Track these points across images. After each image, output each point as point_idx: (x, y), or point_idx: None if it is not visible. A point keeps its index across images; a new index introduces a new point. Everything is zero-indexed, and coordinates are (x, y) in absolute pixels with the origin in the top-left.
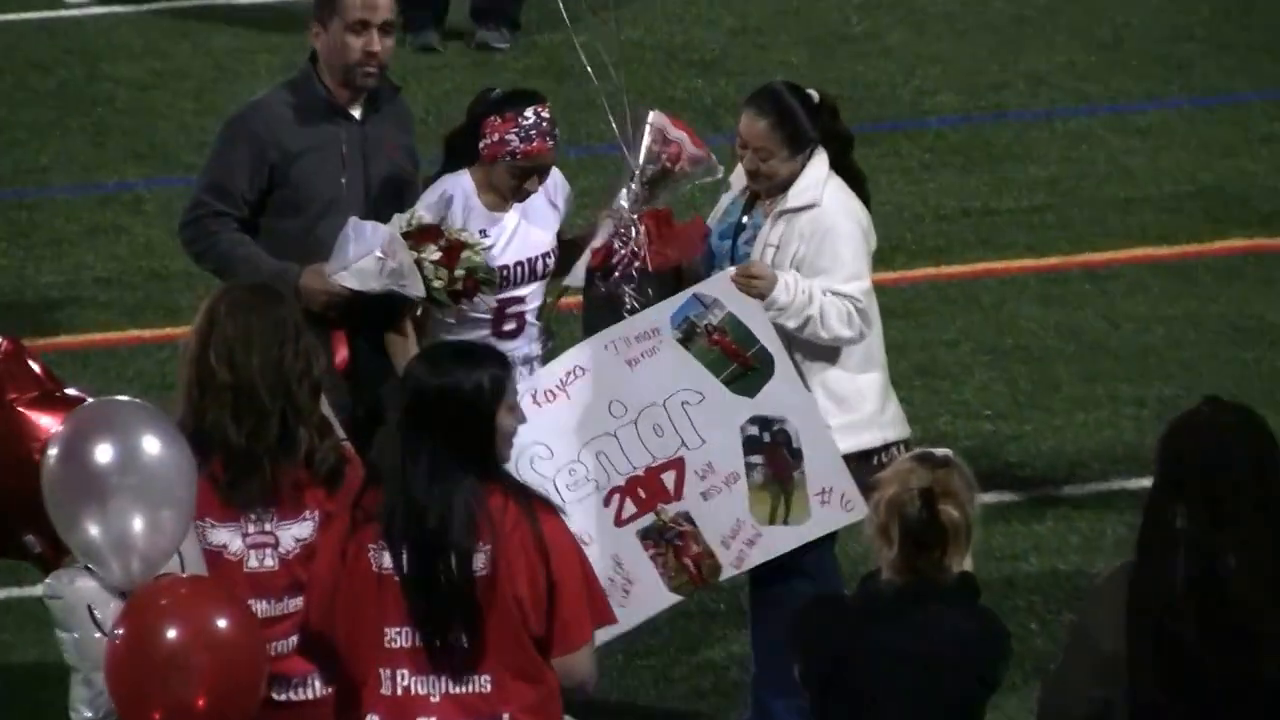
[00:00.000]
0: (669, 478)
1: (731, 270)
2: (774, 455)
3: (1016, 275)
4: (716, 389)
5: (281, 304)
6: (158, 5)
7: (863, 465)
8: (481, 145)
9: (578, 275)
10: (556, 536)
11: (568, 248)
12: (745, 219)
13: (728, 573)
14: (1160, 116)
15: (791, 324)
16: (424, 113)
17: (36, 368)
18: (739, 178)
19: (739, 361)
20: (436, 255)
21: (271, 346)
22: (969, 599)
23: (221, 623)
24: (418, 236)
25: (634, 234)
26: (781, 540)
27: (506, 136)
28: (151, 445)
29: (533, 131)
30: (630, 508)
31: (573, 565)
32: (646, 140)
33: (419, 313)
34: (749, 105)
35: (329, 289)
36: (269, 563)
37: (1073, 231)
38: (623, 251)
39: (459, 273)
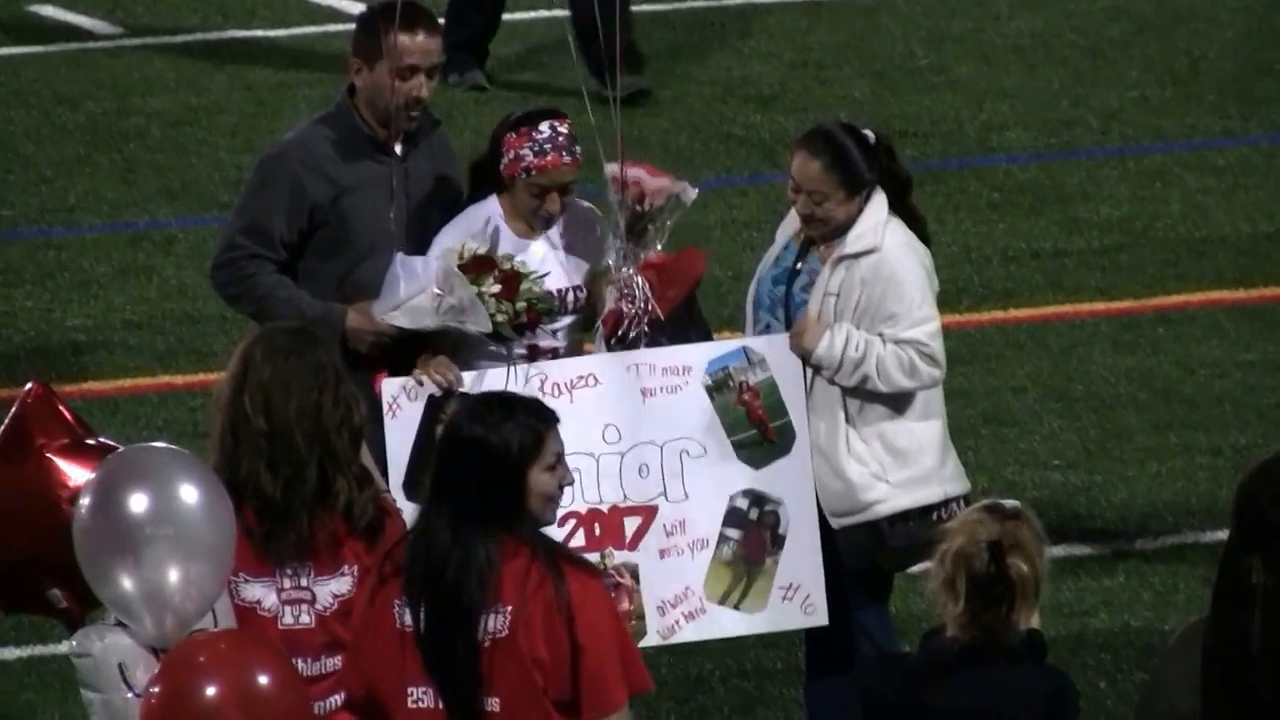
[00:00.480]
0: (631, 523)
1: (787, 335)
2: (754, 535)
3: (1087, 319)
4: (724, 448)
5: (320, 348)
6: (192, 37)
7: (923, 521)
8: (500, 164)
9: (599, 347)
10: (585, 599)
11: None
12: (800, 264)
13: (650, 640)
14: (1237, 154)
15: (845, 382)
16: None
17: (66, 414)
18: (791, 221)
19: (760, 429)
20: (496, 288)
21: (309, 392)
22: (1036, 657)
23: (263, 680)
24: (474, 268)
25: (636, 291)
26: (723, 624)
27: (521, 151)
28: (188, 494)
29: (547, 145)
30: (579, 540)
31: (601, 629)
32: (610, 194)
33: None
34: (801, 146)
35: (377, 329)
36: (305, 620)
37: (1145, 274)
38: (631, 311)
39: (520, 304)
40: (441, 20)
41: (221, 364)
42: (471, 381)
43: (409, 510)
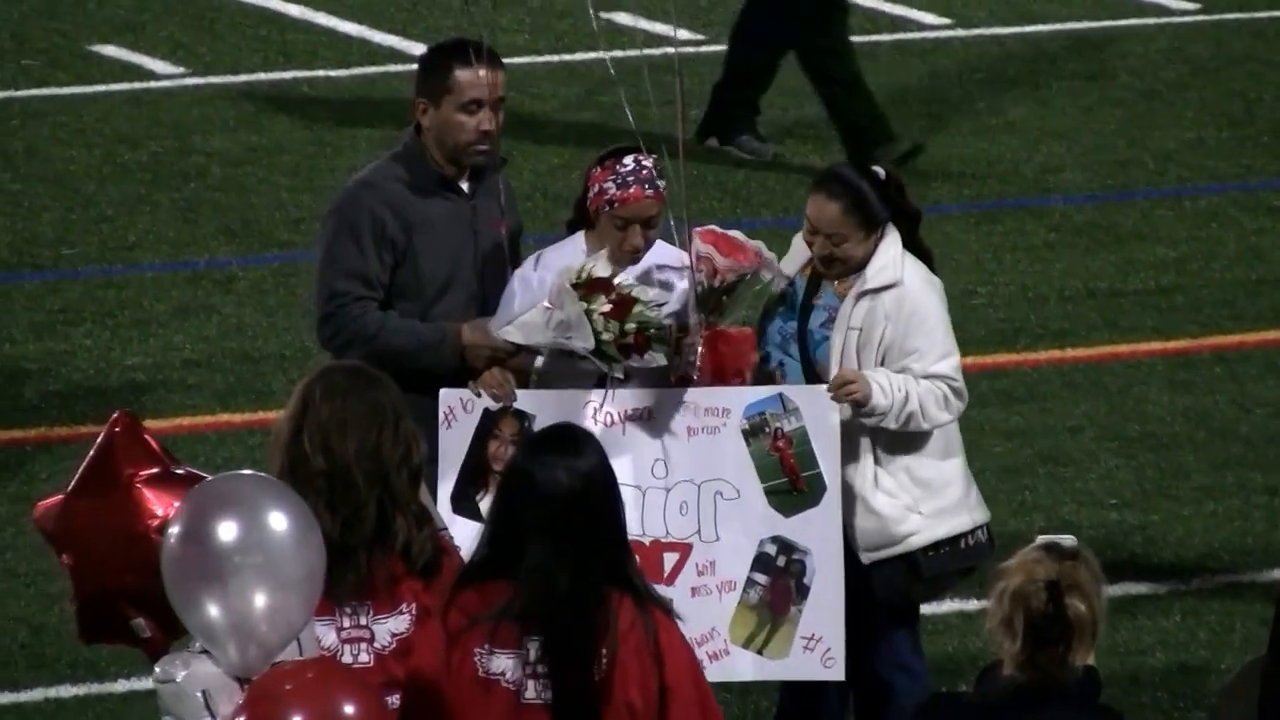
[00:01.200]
0: (670, 559)
1: (824, 387)
2: (779, 583)
3: (1143, 359)
4: (756, 494)
5: (380, 387)
6: (253, 77)
7: (953, 550)
8: (586, 200)
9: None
10: (672, 643)
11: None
12: (815, 300)
13: None
14: None
15: (894, 425)
16: (530, 188)
17: (153, 444)
18: (795, 257)
19: (790, 477)
20: (606, 307)
21: (369, 431)
22: (1091, 697)
23: (348, 711)
24: (588, 288)
25: (694, 356)
26: (744, 667)
27: (604, 185)
28: (278, 522)
29: (629, 178)
30: None
31: (686, 674)
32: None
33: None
34: (818, 189)
35: (493, 344)
36: (363, 658)
37: (1202, 313)
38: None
39: (629, 326)
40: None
41: (280, 403)
42: (525, 399)
43: (453, 522)
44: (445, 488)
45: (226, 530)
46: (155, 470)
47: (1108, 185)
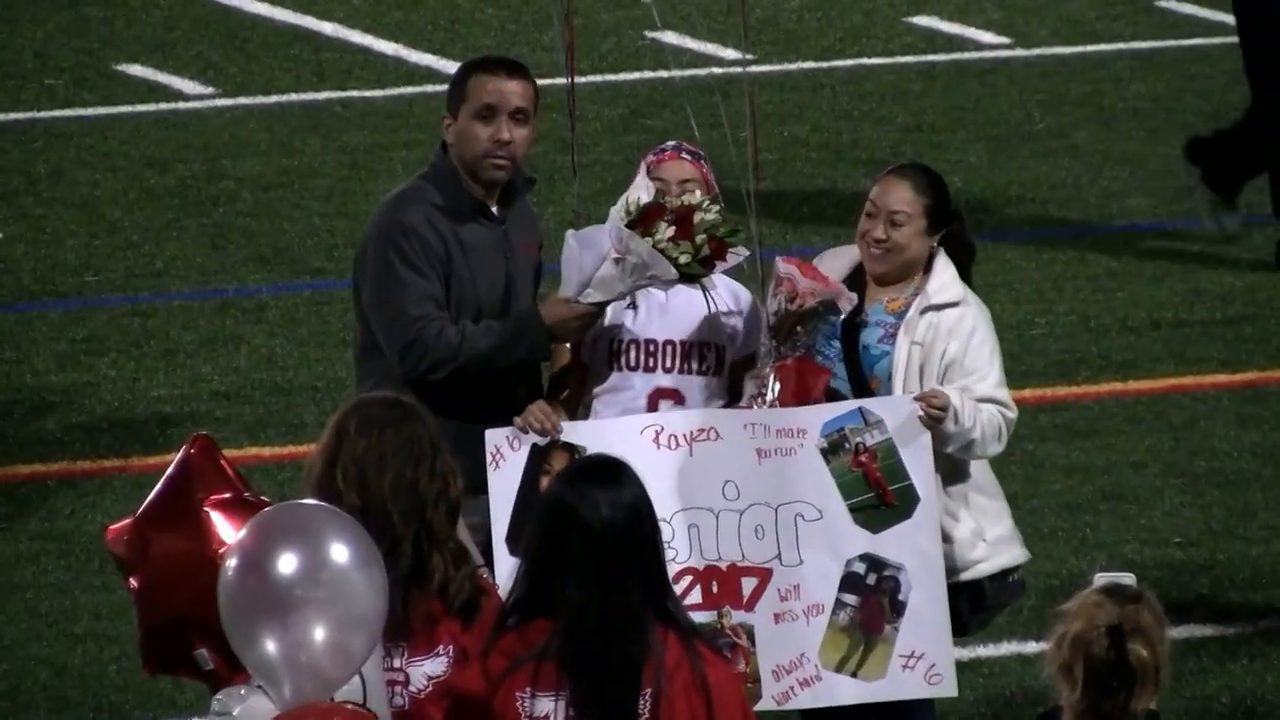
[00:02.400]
0: (749, 583)
1: (910, 396)
2: (872, 602)
3: (1210, 391)
4: (840, 513)
5: (416, 419)
6: (285, 98)
7: (1000, 584)
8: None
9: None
10: (721, 681)
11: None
12: (861, 316)
13: (764, 705)
14: None
15: (951, 448)
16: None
17: (228, 469)
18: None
19: (878, 492)
20: (670, 231)
21: (405, 466)
22: None
23: None
24: (644, 221)
25: (768, 390)
26: (840, 691)
27: (647, 160)
28: (340, 554)
29: (668, 146)
30: (695, 596)
31: (735, 710)
32: (770, 289)
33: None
34: (891, 172)
35: (577, 313)
36: (399, 701)
37: (1271, 344)
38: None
39: (700, 238)
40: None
41: (312, 436)
42: (573, 431)
43: (510, 566)
44: (499, 529)
45: (287, 562)
46: (229, 496)
47: (1173, 211)
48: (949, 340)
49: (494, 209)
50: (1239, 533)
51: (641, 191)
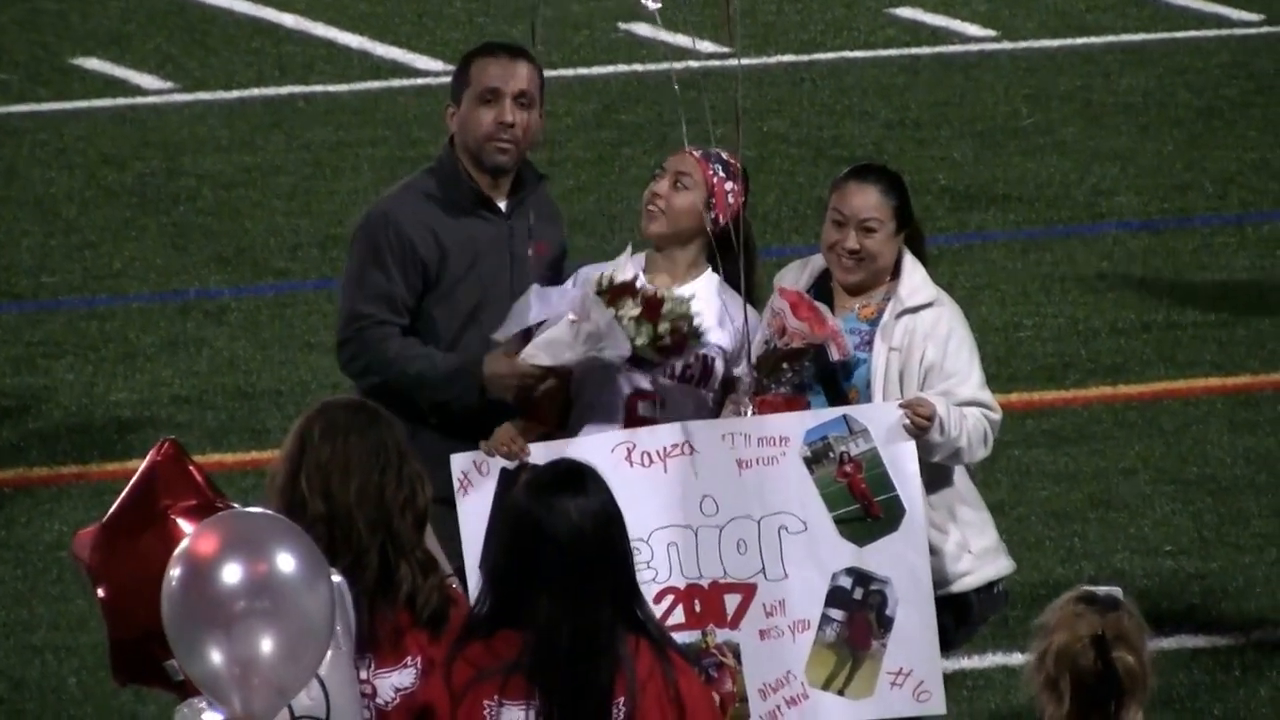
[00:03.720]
0: (732, 601)
1: (895, 404)
2: (858, 618)
3: (1202, 396)
4: (824, 525)
5: (382, 425)
6: (247, 93)
7: (986, 597)
8: None
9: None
10: (692, 692)
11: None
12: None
13: None
14: None
15: (937, 457)
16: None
17: (197, 475)
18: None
19: (864, 504)
20: (636, 310)
21: (371, 473)
22: None
23: None
24: (613, 293)
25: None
26: (828, 711)
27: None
28: (286, 563)
29: (696, 145)
30: (678, 616)
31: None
32: (764, 317)
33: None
34: (851, 177)
35: (519, 372)
36: (366, 715)
37: (1265, 348)
38: None
39: (664, 326)
40: None
41: (276, 442)
42: (542, 453)
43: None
44: (471, 556)
45: (231, 573)
46: (195, 503)
47: (1164, 210)
48: (926, 344)
49: (501, 203)
50: (1231, 541)
51: (627, 270)
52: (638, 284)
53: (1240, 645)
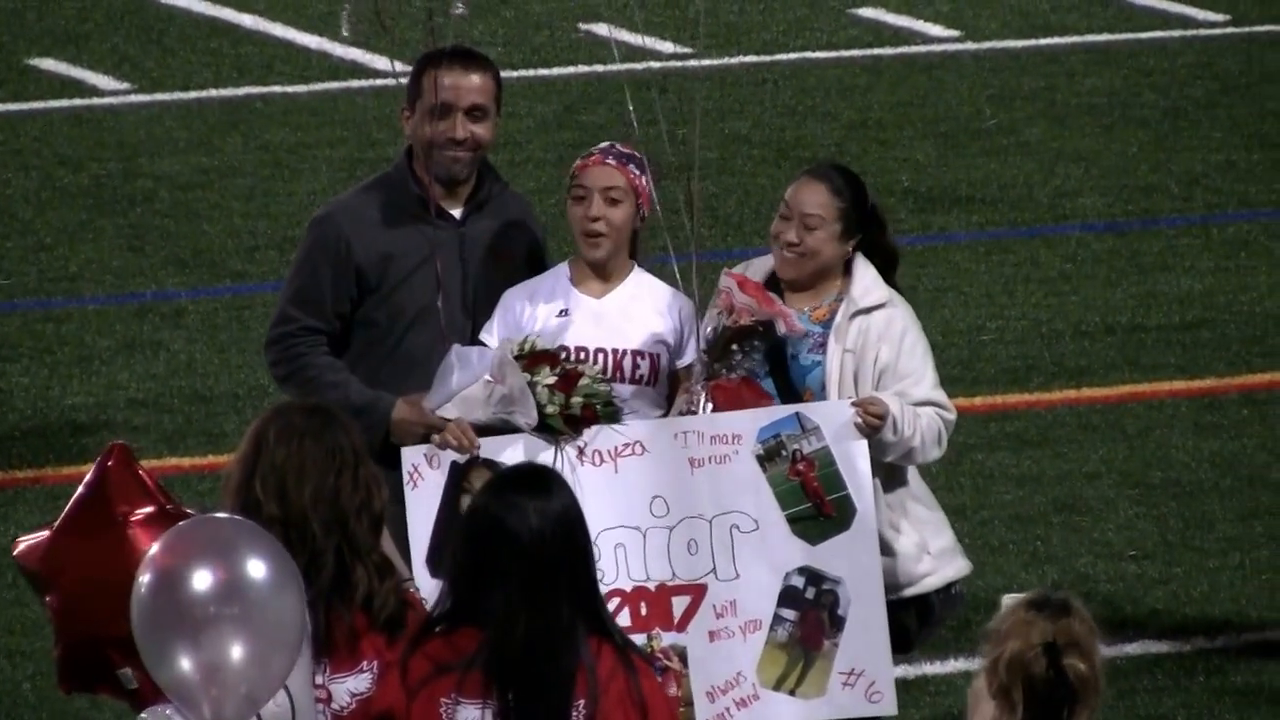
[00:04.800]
0: (680, 603)
1: (848, 402)
2: (811, 617)
3: (1166, 399)
4: (777, 524)
5: (338, 428)
6: (204, 94)
7: (945, 597)
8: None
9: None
10: (655, 695)
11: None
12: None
13: None
14: None
15: (891, 456)
16: None
17: (147, 479)
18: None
19: (815, 502)
20: (552, 379)
21: (326, 475)
22: None
23: None
24: (531, 359)
25: (700, 410)
26: (778, 711)
27: (574, 166)
28: (256, 569)
29: (595, 151)
30: (624, 619)
31: None
32: (712, 301)
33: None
34: (804, 174)
35: (426, 422)
36: None
37: (1230, 351)
38: None
39: (576, 400)
40: None
41: (233, 446)
42: (492, 447)
43: (430, 588)
44: (419, 550)
45: (201, 579)
46: (150, 509)
47: (1129, 211)
48: (880, 345)
49: (456, 210)
50: (1196, 545)
51: (545, 338)
52: (559, 355)
53: (1204, 650)
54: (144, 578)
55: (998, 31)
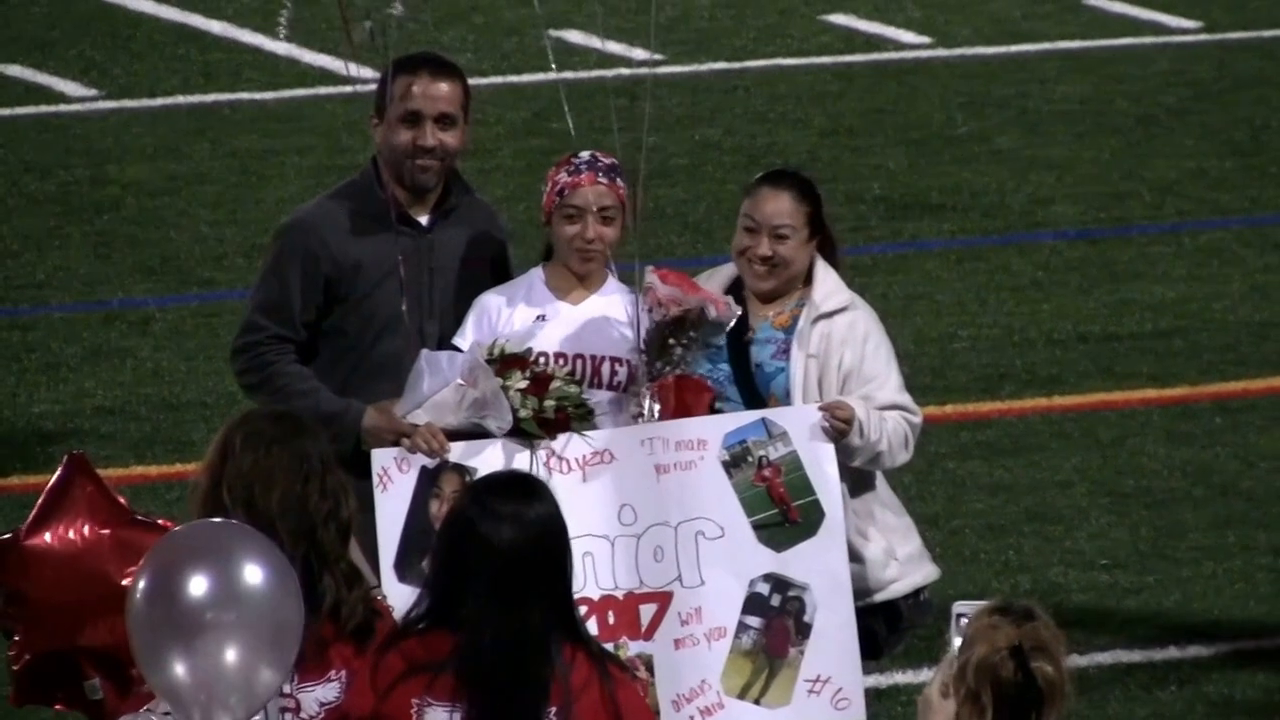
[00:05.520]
0: (647, 611)
1: (815, 406)
2: (776, 624)
3: (1139, 408)
4: (742, 530)
5: (305, 435)
6: (172, 100)
7: (913, 604)
8: (544, 203)
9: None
10: (631, 704)
11: None
12: (749, 334)
13: None
14: None
15: (858, 461)
16: None
17: (107, 489)
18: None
19: (782, 509)
20: (523, 384)
21: (294, 483)
22: None
23: None
24: (502, 364)
25: (647, 413)
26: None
27: (557, 178)
28: (253, 575)
29: (583, 166)
30: (591, 628)
31: None
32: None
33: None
34: (764, 183)
35: (397, 429)
36: None
37: (1202, 359)
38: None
39: (549, 403)
40: None
41: (201, 454)
42: (462, 452)
43: (399, 594)
44: (387, 555)
45: (198, 584)
46: (110, 516)
47: (1101, 219)
48: (843, 349)
49: (424, 218)
50: (1168, 554)
51: (515, 341)
52: (530, 357)
53: (1176, 660)
54: (139, 583)
55: (970, 38)
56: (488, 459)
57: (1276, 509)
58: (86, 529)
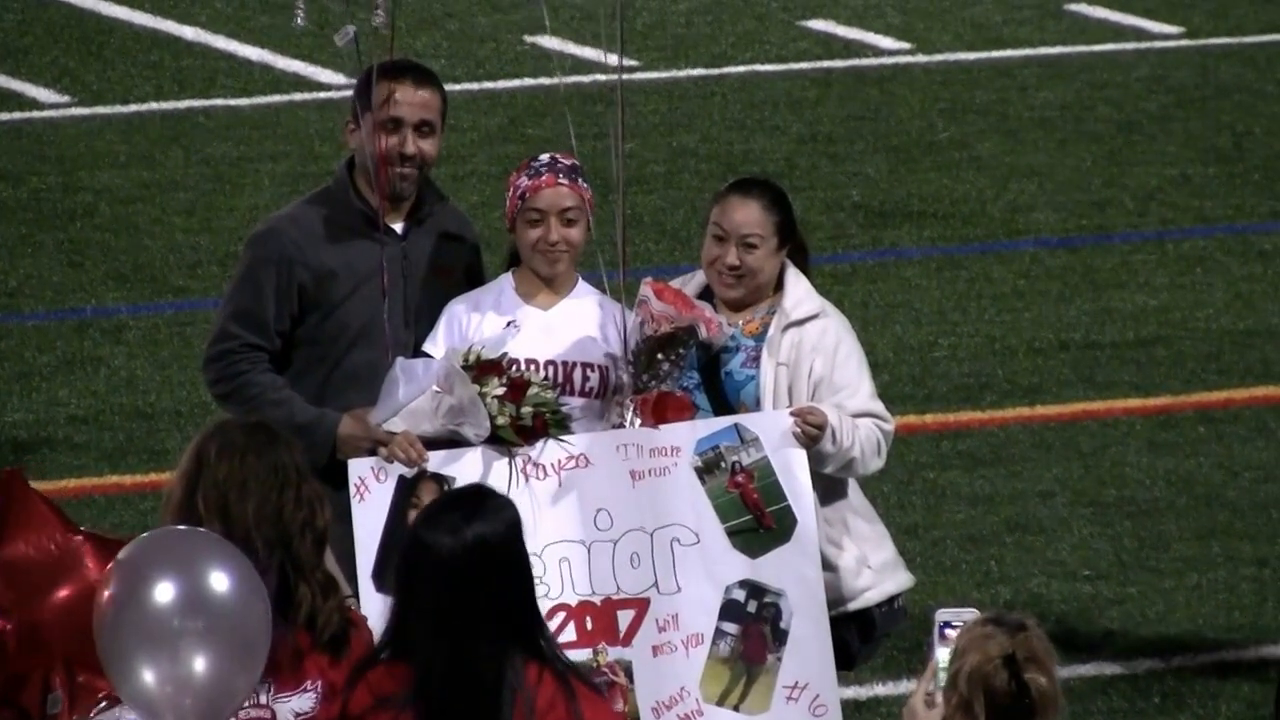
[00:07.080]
0: (625, 617)
1: (786, 411)
2: (753, 631)
3: (1121, 417)
4: (716, 536)
5: (280, 445)
6: (145, 107)
7: (887, 612)
8: (506, 209)
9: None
10: (598, 718)
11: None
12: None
13: None
14: None
15: (831, 468)
16: None
17: (45, 505)
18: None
19: (755, 515)
20: (500, 390)
21: (269, 493)
22: None
23: None
24: (479, 371)
25: (627, 424)
26: None
27: (518, 182)
28: (220, 582)
29: (543, 169)
30: (569, 634)
31: None
32: (633, 313)
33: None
34: (733, 191)
35: (373, 436)
36: None
37: (1185, 368)
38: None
39: (527, 409)
40: None
41: (175, 463)
42: (441, 461)
43: (376, 602)
44: (365, 565)
45: (164, 591)
46: (53, 531)
47: (1083, 227)
48: (814, 357)
49: (398, 225)
50: (1151, 565)
51: (490, 347)
52: (505, 363)
53: (1159, 671)
54: (107, 591)
55: (949, 44)
56: (466, 468)
57: (1259, 519)
58: (15, 545)
